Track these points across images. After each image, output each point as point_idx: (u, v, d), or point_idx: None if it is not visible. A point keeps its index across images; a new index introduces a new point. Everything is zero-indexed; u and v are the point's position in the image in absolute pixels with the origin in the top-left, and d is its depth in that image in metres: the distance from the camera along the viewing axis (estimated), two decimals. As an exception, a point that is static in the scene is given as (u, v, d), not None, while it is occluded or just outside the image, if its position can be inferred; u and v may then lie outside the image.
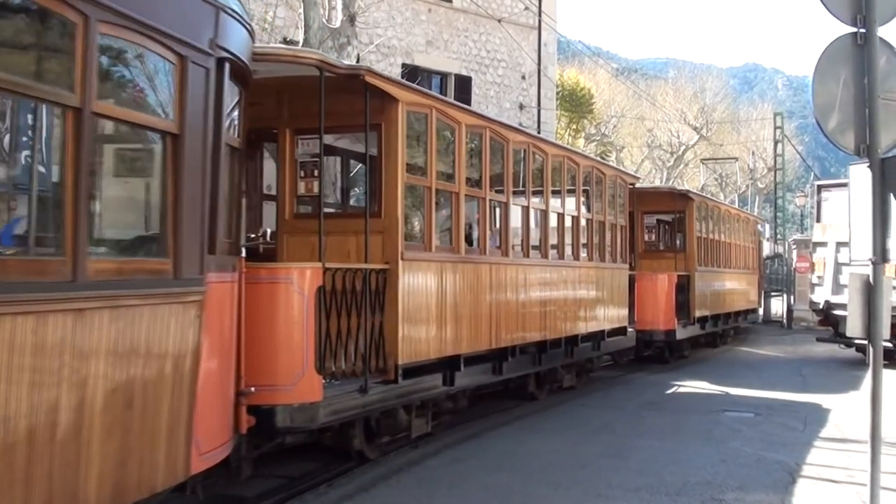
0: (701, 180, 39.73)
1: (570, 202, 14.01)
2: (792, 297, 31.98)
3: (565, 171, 13.71)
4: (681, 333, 19.16)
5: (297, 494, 8.02)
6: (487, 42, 26.21)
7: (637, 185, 18.68)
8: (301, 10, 15.17)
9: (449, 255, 10.00)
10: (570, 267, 13.79)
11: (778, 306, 35.22)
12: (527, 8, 26.64)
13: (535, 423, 11.96)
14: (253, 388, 6.85)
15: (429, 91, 10.57)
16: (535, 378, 13.37)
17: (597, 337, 14.94)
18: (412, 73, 22.06)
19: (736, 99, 72.59)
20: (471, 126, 10.61)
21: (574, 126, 43.06)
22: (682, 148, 50.99)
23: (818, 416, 12.86)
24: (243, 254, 7.04)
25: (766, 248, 36.84)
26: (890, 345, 17.33)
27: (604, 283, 15.22)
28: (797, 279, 30.43)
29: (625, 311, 16.35)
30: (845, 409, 13.52)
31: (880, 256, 6.28)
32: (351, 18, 15.62)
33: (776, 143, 42.22)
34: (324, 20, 15.15)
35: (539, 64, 27.40)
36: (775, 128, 42.59)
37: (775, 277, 35.67)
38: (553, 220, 13.32)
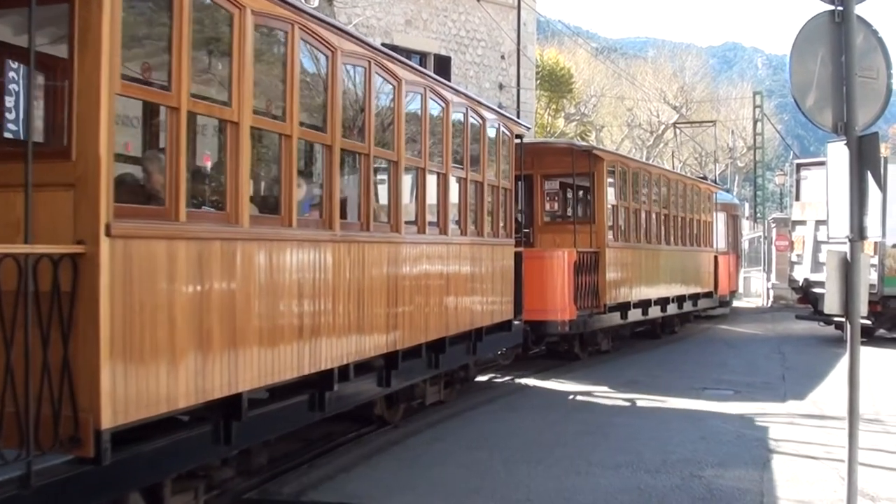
0: (681, 155, 39.64)
1: (436, 154, 10.08)
2: (771, 276, 32.20)
3: (427, 108, 9.75)
4: (586, 324, 15.66)
5: (280, 474, 7.99)
6: (467, 22, 26.07)
7: (530, 140, 15.28)
8: (278, -10, 15.03)
9: (216, 228, 6.07)
10: (434, 244, 10.06)
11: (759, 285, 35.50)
12: (506, -13, 26.56)
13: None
14: None
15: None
16: (384, 398, 9.87)
17: (472, 336, 11.31)
18: (391, 52, 21.91)
19: (715, 78, 72.97)
20: (263, 15, 6.48)
21: (554, 106, 43.03)
22: (662, 127, 51.14)
23: (797, 393, 12.95)
24: None
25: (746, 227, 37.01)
26: (867, 322, 17.53)
27: (482, 266, 11.53)
28: (776, 257, 30.59)
29: (510, 300, 12.64)
30: (824, 386, 13.64)
31: (857, 234, 6.29)
32: (329, -2, 15.52)
33: (755, 121, 42.37)
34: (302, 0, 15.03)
35: (518, 43, 27.29)
36: (755, 107, 42.74)
37: (755, 256, 35.89)
38: (408, 180, 9.60)
